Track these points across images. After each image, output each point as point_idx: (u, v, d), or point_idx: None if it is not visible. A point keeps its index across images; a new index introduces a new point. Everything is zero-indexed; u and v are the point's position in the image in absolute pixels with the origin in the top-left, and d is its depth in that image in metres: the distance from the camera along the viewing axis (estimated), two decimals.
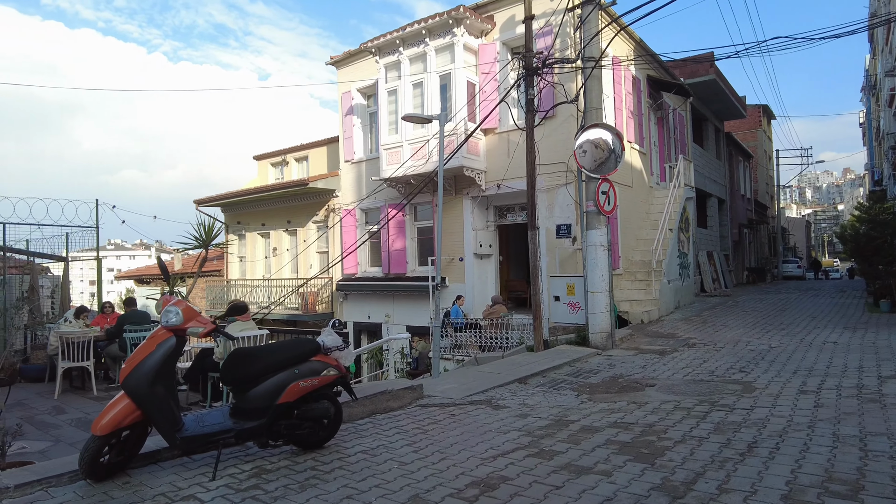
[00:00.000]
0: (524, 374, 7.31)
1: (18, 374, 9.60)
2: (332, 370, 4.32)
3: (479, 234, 13.71)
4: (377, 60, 14.47)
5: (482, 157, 13.35)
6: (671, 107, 17.49)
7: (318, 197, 17.13)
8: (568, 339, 9.78)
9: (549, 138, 12.21)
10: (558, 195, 12.13)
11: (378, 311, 15.60)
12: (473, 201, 13.69)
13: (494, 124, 13.19)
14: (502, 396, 6.26)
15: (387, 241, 15.22)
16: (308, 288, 16.30)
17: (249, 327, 7.23)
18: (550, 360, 8.26)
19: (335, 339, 4.43)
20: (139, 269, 27.63)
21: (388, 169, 14.09)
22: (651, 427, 4.63)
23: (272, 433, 4.12)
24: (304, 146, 19.70)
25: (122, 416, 3.71)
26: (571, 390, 6.55)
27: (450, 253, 14.09)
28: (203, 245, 8.78)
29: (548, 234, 12.29)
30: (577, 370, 7.76)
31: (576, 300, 10.11)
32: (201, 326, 3.91)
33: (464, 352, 12.29)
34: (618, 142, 9.35)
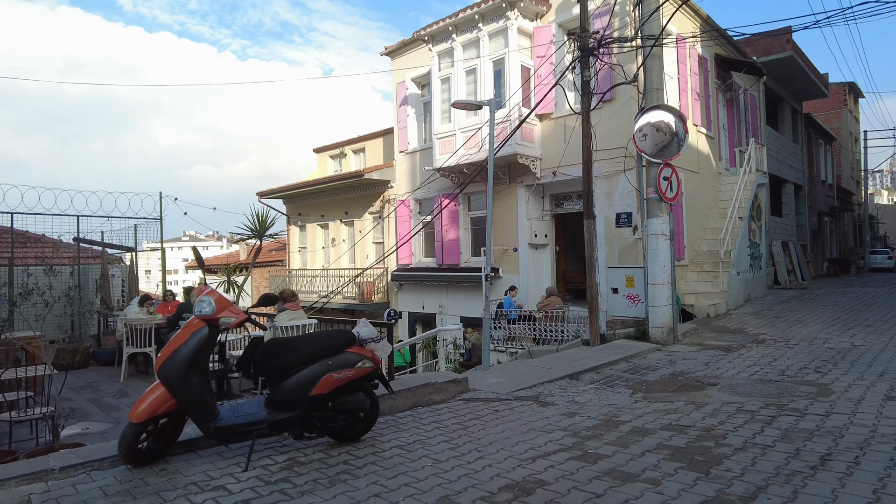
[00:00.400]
0: (577, 370, 6.99)
1: (92, 358, 10.16)
2: (368, 362, 4.20)
3: (533, 224, 13.33)
4: (430, 48, 14.30)
5: (537, 144, 12.94)
6: (742, 87, 16.38)
7: (373, 188, 17.22)
8: (626, 333, 9.33)
9: (607, 122, 11.67)
10: (618, 182, 11.59)
11: (432, 301, 15.53)
12: (528, 190, 13.32)
13: (550, 109, 12.75)
14: (551, 393, 5.99)
15: (440, 231, 15.10)
16: (364, 278, 16.44)
17: (299, 316, 7.27)
18: (606, 356, 7.88)
19: (370, 331, 4.31)
20: (208, 259, 28.88)
21: (440, 158, 13.93)
22: (709, 431, 4.25)
23: (306, 425, 4.05)
24: (361, 138, 19.85)
25: (158, 405, 3.73)
26: (626, 388, 6.18)
27: (503, 243, 13.80)
28: (257, 235, 8.94)
29: (606, 223, 11.78)
30: (633, 366, 7.35)
31: (635, 292, 9.63)
32: (233, 316, 3.88)
33: (517, 344, 12.02)
34: (681, 124, 8.77)
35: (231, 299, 4.03)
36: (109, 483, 3.60)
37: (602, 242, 11.66)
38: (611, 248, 11.58)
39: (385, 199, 16.96)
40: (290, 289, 7.42)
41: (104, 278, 10.55)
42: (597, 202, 11.68)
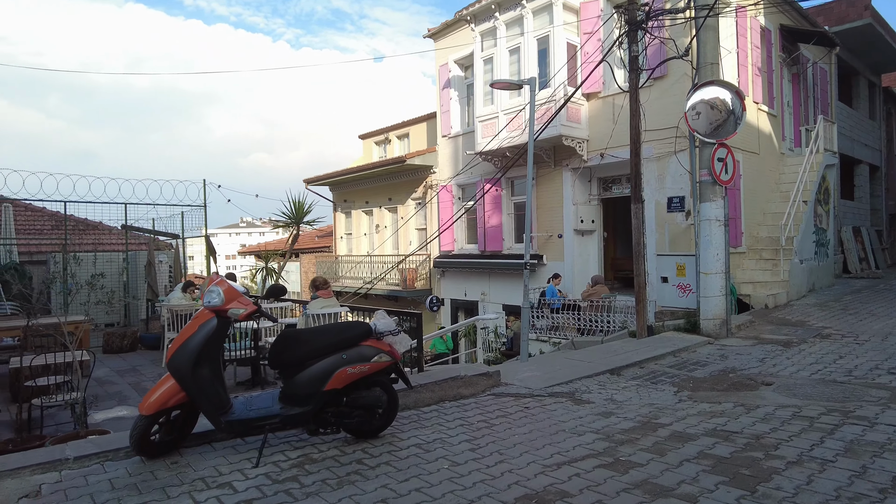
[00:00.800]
0: (619, 364, 6.58)
1: (139, 342, 10.46)
2: (385, 356, 3.99)
3: (580, 209, 12.81)
4: (472, 28, 13.88)
5: (584, 125, 12.37)
6: (810, 60, 15.14)
7: (416, 174, 17.03)
8: (676, 325, 8.79)
9: (659, 101, 11.00)
10: (670, 164, 10.92)
11: (474, 288, 15.26)
12: (574, 173, 12.78)
13: (597, 88, 12.14)
14: (588, 389, 5.64)
15: (483, 217, 14.76)
16: (407, 264, 16.33)
17: (331, 304, 7.16)
18: (652, 349, 7.42)
19: (388, 323, 4.09)
20: (259, 245, 29.57)
21: (482, 142, 13.56)
22: (759, 439, 3.81)
23: (319, 421, 3.89)
24: (405, 123, 19.66)
25: (168, 397, 3.64)
26: (670, 385, 5.75)
27: (548, 229, 13.35)
28: (294, 222, 8.88)
29: (657, 207, 11.15)
30: (681, 361, 6.87)
31: (686, 282, 9.05)
32: (242, 308, 3.74)
33: (561, 334, 11.62)
34: (738, 101, 8.10)
35: (242, 290, 3.88)
36: (120, 475, 3.54)
37: (652, 228, 11.06)
38: (661, 234, 10.96)
39: (428, 185, 16.74)
40: (322, 276, 7.32)
41: (150, 265, 10.81)
42: (646, 186, 11.08)
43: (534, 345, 12.07)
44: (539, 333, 11.97)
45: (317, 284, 7.26)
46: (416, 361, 6.40)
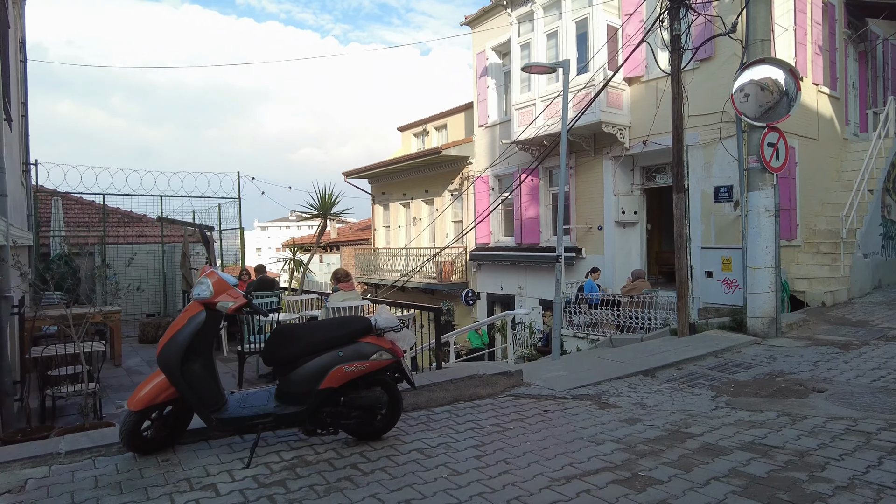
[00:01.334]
0: (654, 365, 6.13)
1: None
2: (386, 354, 3.72)
3: (621, 199, 12.21)
4: (509, 13, 13.42)
5: (625, 111, 11.76)
6: (880, 37, 13.95)
7: (452, 165, 16.73)
8: (720, 322, 8.19)
9: (706, 84, 10.31)
10: (717, 151, 10.22)
11: (511, 282, 14.87)
12: (615, 161, 12.19)
13: (640, 72, 11.50)
14: (617, 392, 5.23)
15: (519, 209, 14.33)
16: (442, 257, 16.08)
17: (351, 297, 6.97)
18: (693, 348, 6.91)
19: (389, 319, 3.82)
20: (303, 237, 29.97)
21: (519, 130, 13.12)
22: (803, 457, 3.35)
23: (315, 421, 3.66)
24: (443, 114, 19.36)
25: (156, 393, 3.49)
26: (708, 389, 5.28)
27: (587, 221, 12.81)
28: (322, 214, 8.75)
29: (703, 197, 10.48)
30: (723, 363, 6.35)
31: (732, 277, 8.43)
32: (231, 301, 3.54)
33: (599, 331, 11.11)
34: (791, 81, 7.42)
35: (233, 281, 3.68)
36: (107, 472, 3.41)
37: (697, 220, 10.40)
38: (707, 226, 10.29)
39: (464, 176, 16.41)
40: (343, 269, 7.14)
41: (185, 256, 10.93)
42: (692, 174, 10.44)
43: (570, 341, 11.62)
44: (576, 330, 11.50)
45: (338, 277, 7.08)
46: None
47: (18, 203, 9.18)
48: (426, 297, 18.05)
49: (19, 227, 8.84)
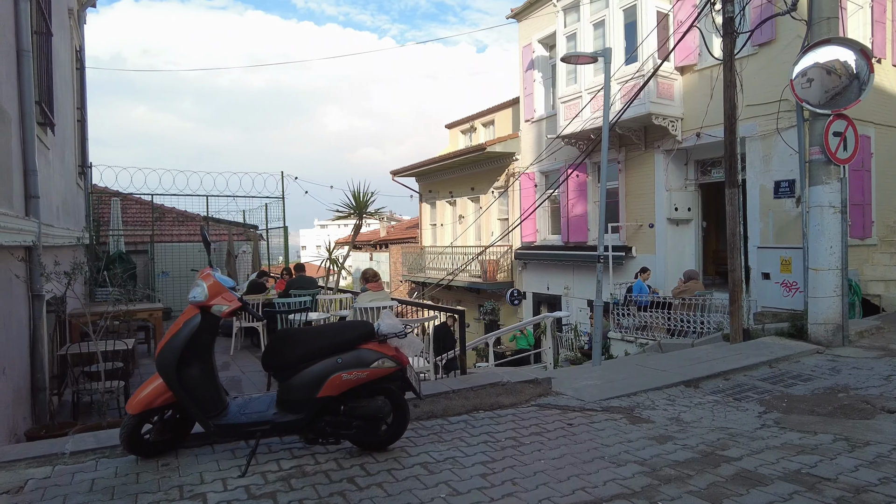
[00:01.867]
0: (699, 374, 5.65)
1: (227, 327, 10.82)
2: (388, 361, 3.52)
3: (673, 196, 11.55)
4: (555, 3, 12.97)
5: (677, 101, 11.10)
6: None
7: (498, 162, 16.38)
8: (778, 329, 7.54)
9: (766, 70, 9.56)
10: (777, 143, 9.45)
11: (557, 282, 14.41)
12: (667, 155, 11.53)
13: (693, 60, 10.82)
14: (653, 404, 4.82)
15: (566, 206, 13.84)
16: (487, 256, 15.78)
17: (380, 298, 6.81)
18: (744, 357, 6.36)
19: (393, 325, 3.60)
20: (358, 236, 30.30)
21: (565, 124, 12.65)
22: (858, 493, 2.89)
23: (314, 430, 3.50)
24: (490, 110, 19.02)
25: (154, 396, 3.41)
26: (757, 404, 4.79)
27: (637, 218, 12.20)
28: (357, 213, 8.66)
29: (762, 192, 9.73)
30: (777, 374, 5.79)
31: (792, 279, 7.75)
32: (226, 304, 3.42)
33: (649, 334, 10.56)
34: (863, 62, 6.71)
35: (230, 284, 3.55)
36: (106, 475, 3.37)
37: (755, 217, 9.68)
38: (765, 223, 9.55)
39: (510, 173, 16.04)
40: (372, 269, 7.00)
41: (230, 255, 11.15)
42: (749, 168, 9.73)
43: (618, 345, 11.11)
44: (624, 333, 10.98)
45: (366, 277, 6.94)
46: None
47: (74, 204, 9.59)
48: (472, 296, 17.82)
49: (75, 227, 9.26)
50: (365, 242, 26.23)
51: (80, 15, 11.59)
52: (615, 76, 11.49)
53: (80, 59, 11.35)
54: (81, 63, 11.39)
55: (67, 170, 8.75)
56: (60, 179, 7.70)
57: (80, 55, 11.46)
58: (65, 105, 8.64)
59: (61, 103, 8.48)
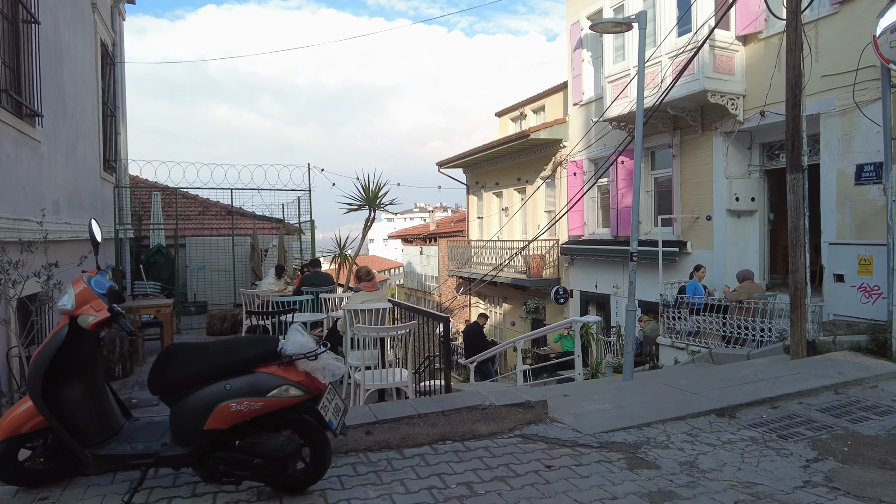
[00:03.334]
0: (738, 401, 4.60)
1: (239, 325, 10.55)
2: (293, 389, 2.82)
3: (734, 184, 10.16)
4: None
5: (738, 76, 9.70)
6: None
7: (545, 149, 15.31)
8: (852, 342, 6.23)
9: (847, 33, 8.08)
10: (860, 120, 7.96)
11: (606, 279, 13.24)
12: (727, 138, 10.15)
13: (758, 27, 9.39)
14: (667, 441, 3.87)
15: (616, 196, 12.64)
16: (530, 250, 14.80)
17: (374, 299, 6.13)
18: (803, 377, 5.21)
19: (301, 343, 2.88)
20: (406, 229, 29.97)
21: (613, 107, 11.48)
22: None
23: (206, 467, 2.85)
24: (540, 95, 17.87)
25: (21, 421, 2.88)
26: (807, 447, 3.73)
27: (693, 209, 10.88)
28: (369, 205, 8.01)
29: (841, 178, 8.27)
30: (844, 402, 4.63)
31: (873, 282, 6.40)
32: (93, 315, 2.81)
33: (702, 341, 9.32)
34: None
35: (104, 290, 2.93)
36: None
37: (832, 207, 8.24)
38: (842, 215, 8.09)
39: (557, 162, 14.94)
40: (366, 266, 6.34)
41: (254, 249, 10.85)
42: (825, 149, 8.32)
43: (668, 352, 9.94)
44: (675, 339, 9.78)
45: (359, 275, 6.29)
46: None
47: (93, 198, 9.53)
48: (517, 294, 16.88)
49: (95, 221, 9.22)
50: (415, 236, 25.76)
51: (114, 10, 11.62)
52: (666, 50, 10.23)
53: (112, 54, 11.38)
54: (113, 58, 11.41)
55: (82, 163, 8.64)
56: (64, 173, 7.54)
57: (113, 50, 11.49)
58: (78, 98, 8.52)
59: (71, 96, 8.37)
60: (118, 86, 11.64)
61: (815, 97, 8.54)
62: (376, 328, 4.67)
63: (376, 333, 5.01)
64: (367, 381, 4.73)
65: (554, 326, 8.96)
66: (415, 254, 25.76)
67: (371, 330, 4.71)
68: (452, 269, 19.67)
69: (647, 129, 11.83)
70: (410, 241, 26.62)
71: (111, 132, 11.22)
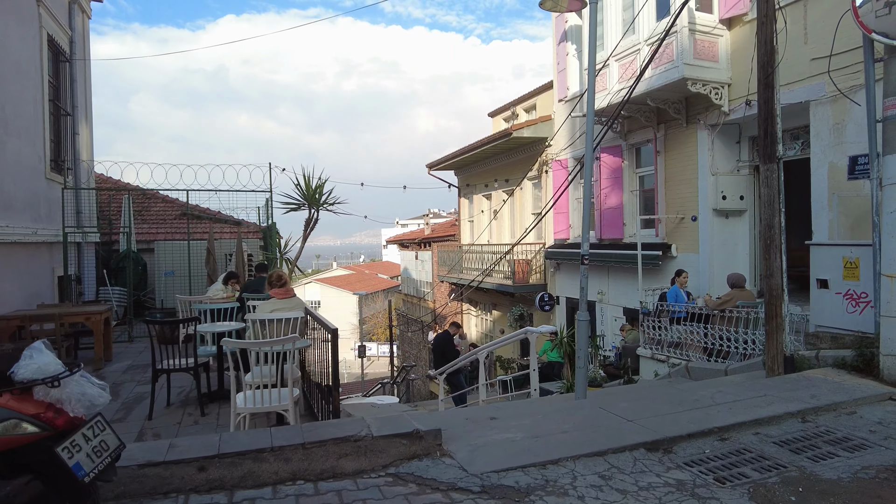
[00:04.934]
0: (680, 431, 3.85)
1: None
2: (28, 424, 2.15)
3: (721, 181, 9.33)
4: None
5: (723, 63, 8.89)
6: None
7: (532, 149, 14.57)
8: (837, 358, 5.41)
9: (835, 12, 7.23)
10: (852, 108, 7.13)
11: (591, 285, 12.31)
12: (711, 132, 9.33)
13: (742, 9, 8.58)
14: (568, 486, 3.13)
15: (599, 196, 11.85)
16: (514, 255, 14.04)
17: (286, 307, 5.47)
18: (768, 400, 4.45)
19: (40, 365, 2.22)
20: (403, 234, 29.37)
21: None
22: None
23: None
24: (531, 94, 17.13)
25: None
26: (744, 495, 2.99)
27: (678, 209, 10.05)
28: (309, 204, 7.28)
29: (832, 172, 7.43)
30: (809, 434, 3.85)
31: (861, 288, 5.57)
32: None
33: (683, 352, 8.49)
34: None
35: None
36: None
37: (823, 204, 7.42)
38: (835, 213, 7.24)
39: (543, 161, 14.19)
40: (279, 271, 5.68)
41: (209, 254, 10.26)
42: (815, 140, 7.51)
43: (648, 365, 9.13)
44: (655, 350, 8.96)
45: (271, 280, 5.64)
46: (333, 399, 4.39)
47: (34, 200, 9.04)
48: (505, 300, 16.11)
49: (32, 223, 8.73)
50: (411, 241, 25.12)
51: (73, 6, 11.18)
52: (645, 37, 9.47)
53: (69, 52, 10.92)
54: (70, 55, 10.95)
55: (13, 162, 8.14)
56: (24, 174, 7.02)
57: (72, 47, 11.04)
58: (8, 94, 8.04)
59: (7, 95, 7.90)
60: (77, 84, 11.17)
61: (804, 83, 7.73)
62: (238, 342, 4.00)
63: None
64: (239, 405, 4.06)
65: (509, 337, 8.24)
66: (411, 259, 25.11)
67: (235, 344, 4.04)
68: (443, 274, 18.97)
69: (631, 123, 11.08)
70: (407, 246, 25.98)
71: (67, 132, 10.76)
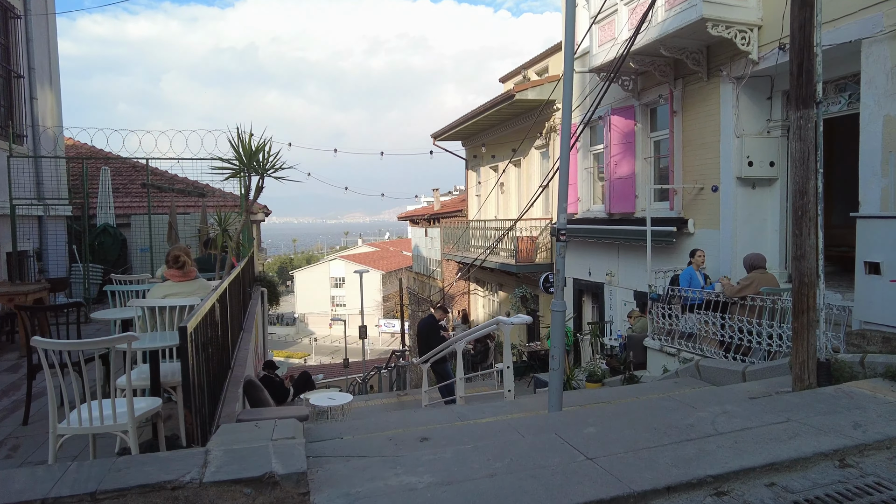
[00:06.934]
0: (655, 483, 2.70)
1: None
2: None
3: (746, 144, 7.88)
4: None
5: (752, 1, 7.39)
6: None
7: (540, 114, 13.18)
8: (890, 366, 4.10)
9: None
10: None
11: (600, 265, 11.14)
12: (736, 85, 7.86)
13: None
14: None
15: (609, 164, 10.48)
16: (520, 231, 12.79)
17: (183, 292, 4.43)
18: (792, 430, 3.26)
19: None
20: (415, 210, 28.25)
21: (599, 52, 9.33)
22: None
23: None
24: (542, 56, 15.62)
25: None
26: None
27: (696, 178, 8.66)
28: (245, 169, 6.07)
29: (888, 127, 5.97)
30: (853, 487, 2.63)
31: None
32: None
33: (697, 346, 7.23)
34: None
35: None
36: None
37: (875, 166, 5.98)
38: (889, 179, 5.81)
39: (551, 127, 12.81)
40: (179, 247, 4.62)
41: (171, 229, 9.33)
42: (868, 87, 6.09)
43: (656, 358, 7.91)
44: (664, 342, 7.70)
45: (167, 260, 4.59)
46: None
47: None
48: (511, 280, 14.91)
49: None
50: (420, 217, 24.00)
51: None
52: None
53: (23, 9, 9.98)
54: (23, 13, 9.99)
55: None
56: None
57: (25, 5, 10.09)
58: None
59: None
60: (33, 44, 10.25)
61: (854, 17, 6.23)
62: (49, 341, 2.93)
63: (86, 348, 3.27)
64: (60, 424, 3.02)
65: (481, 328, 7.11)
66: (421, 236, 24.03)
67: (49, 344, 2.96)
68: (448, 252, 17.83)
69: (645, 80, 9.66)
70: (417, 223, 24.88)
71: (19, 95, 9.88)
